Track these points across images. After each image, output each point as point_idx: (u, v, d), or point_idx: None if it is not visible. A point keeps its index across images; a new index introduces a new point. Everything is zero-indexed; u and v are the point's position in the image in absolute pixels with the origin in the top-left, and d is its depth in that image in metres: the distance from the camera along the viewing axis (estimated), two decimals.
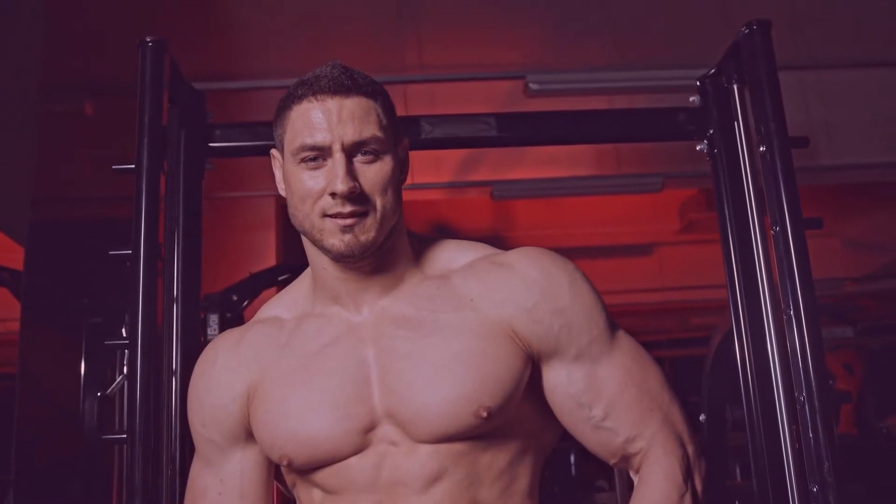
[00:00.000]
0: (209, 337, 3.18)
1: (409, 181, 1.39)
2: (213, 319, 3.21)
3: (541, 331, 1.27)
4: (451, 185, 5.10)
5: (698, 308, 7.28)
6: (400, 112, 1.36)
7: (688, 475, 1.29)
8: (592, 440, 1.31)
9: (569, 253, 1.39)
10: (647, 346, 1.38)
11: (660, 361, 1.37)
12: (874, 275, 6.57)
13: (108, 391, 2.33)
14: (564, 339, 1.28)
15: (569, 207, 6.32)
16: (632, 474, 1.34)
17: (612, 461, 1.32)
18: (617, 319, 1.35)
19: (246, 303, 3.39)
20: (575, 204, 6.22)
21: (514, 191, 5.11)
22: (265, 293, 3.51)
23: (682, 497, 1.26)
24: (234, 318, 3.32)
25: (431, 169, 4.85)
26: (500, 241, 6.24)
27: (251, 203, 4.92)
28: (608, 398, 1.28)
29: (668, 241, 6.94)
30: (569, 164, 4.96)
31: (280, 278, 3.58)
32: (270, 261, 4.76)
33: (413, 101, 4.47)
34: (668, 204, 6.43)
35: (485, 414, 1.22)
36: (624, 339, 1.33)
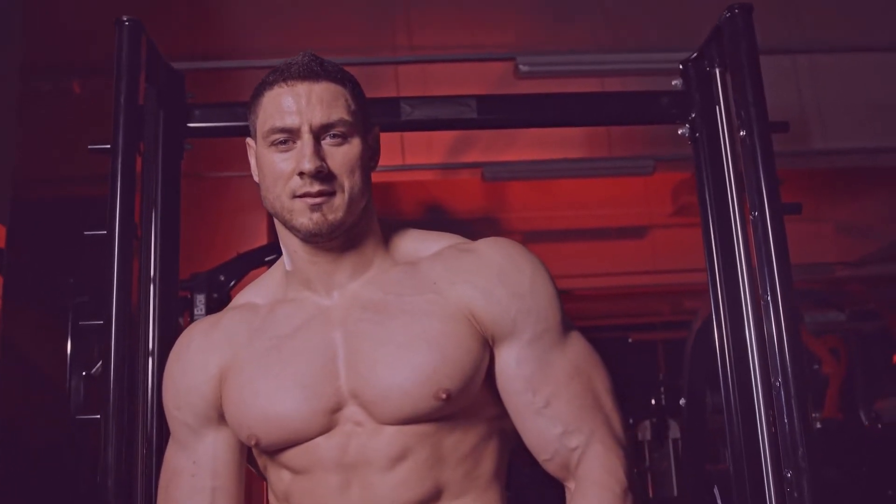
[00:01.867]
0: (196, 317, 3.16)
1: (399, 161, 1.39)
2: (200, 299, 3.20)
3: (498, 313, 1.28)
4: (443, 167, 5.09)
5: (691, 291, 7.26)
6: (391, 94, 1.36)
7: (630, 474, 1.26)
8: (532, 429, 1.29)
9: (560, 235, 1.39)
10: (640, 328, 1.38)
11: (652, 344, 1.36)
12: (866, 259, 6.57)
13: (93, 371, 2.33)
14: (521, 323, 1.28)
15: (560, 189, 6.29)
16: (568, 483, 1.29)
17: (545, 458, 1.29)
18: (609, 302, 1.35)
19: (233, 283, 3.36)
20: (567, 186, 6.19)
21: (506, 172, 5.10)
22: (253, 273, 3.49)
23: (624, 492, 1.24)
24: (220, 297, 3.30)
25: (423, 150, 4.83)
26: (492, 222, 6.26)
27: (242, 183, 4.89)
28: (553, 386, 1.28)
29: (660, 224, 6.91)
30: (560, 146, 4.94)
31: (267, 258, 3.55)
32: (262, 241, 4.74)
33: (404, 83, 4.46)
34: (661, 187, 6.40)
35: (444, 396, 1.23)
36: (578, 339, 1.33)
